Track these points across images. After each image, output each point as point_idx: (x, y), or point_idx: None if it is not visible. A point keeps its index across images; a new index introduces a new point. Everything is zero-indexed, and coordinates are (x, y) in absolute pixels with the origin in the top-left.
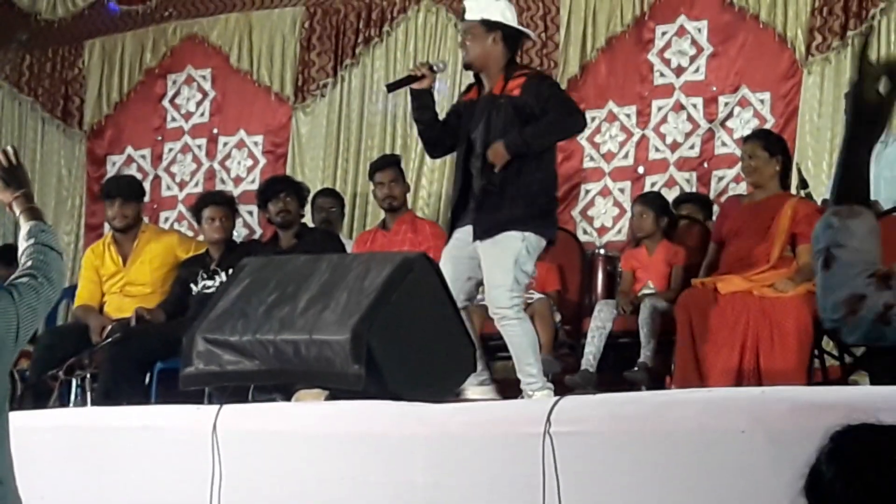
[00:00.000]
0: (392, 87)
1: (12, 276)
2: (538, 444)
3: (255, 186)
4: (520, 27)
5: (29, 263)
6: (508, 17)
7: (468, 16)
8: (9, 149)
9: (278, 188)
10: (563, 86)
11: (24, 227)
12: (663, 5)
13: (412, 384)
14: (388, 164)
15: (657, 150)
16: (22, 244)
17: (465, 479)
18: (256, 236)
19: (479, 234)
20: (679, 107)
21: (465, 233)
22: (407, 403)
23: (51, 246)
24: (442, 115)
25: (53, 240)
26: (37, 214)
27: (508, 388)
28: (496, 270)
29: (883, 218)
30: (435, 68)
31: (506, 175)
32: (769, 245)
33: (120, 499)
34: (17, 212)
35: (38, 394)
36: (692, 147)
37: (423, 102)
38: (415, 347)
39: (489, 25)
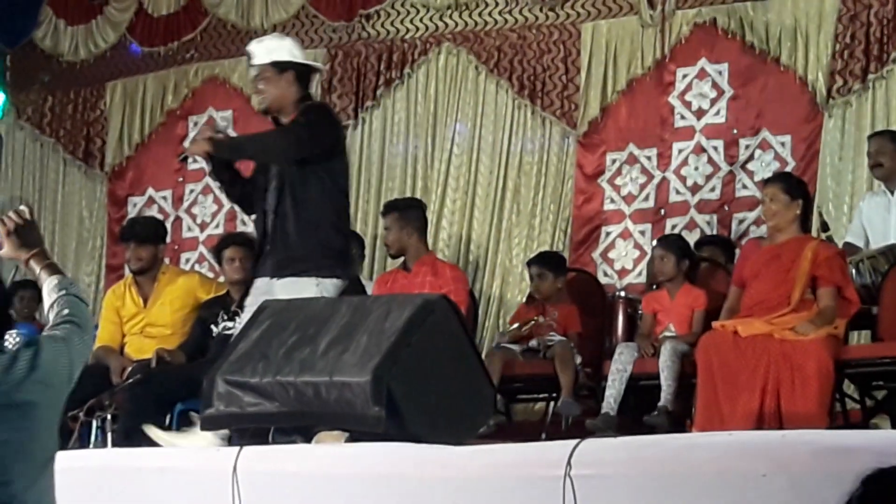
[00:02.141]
0: (184, 157)
1: (51, 325)
2: (558, 487)
3: None
4: (309, 62)
5: (66, 311)
6: (297, 54)
7: (256, 60)
8: (23, 208)
9: None
10: (584, 128)
11: (50, 280)
12: (684, 48)
13: (432, 426)
14: (384, 212)
15: (678, 192)
16: (52, 295)
17: None
18: None
19: (274, 272)
20: (700, 149)
21: (263, 282)
22: (427, 446)
23: (80, 298)
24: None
25: (81, 293)
26: (58, 269)
27: (529, 430)
28: None
29: None
30: (219, 129)
31: (295, 212)
32: (790, 288)
33: None
34: (37, 269)
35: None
36: (713, 189)
37: (217, 163)
38: (435, 389)
39: (281, 66)
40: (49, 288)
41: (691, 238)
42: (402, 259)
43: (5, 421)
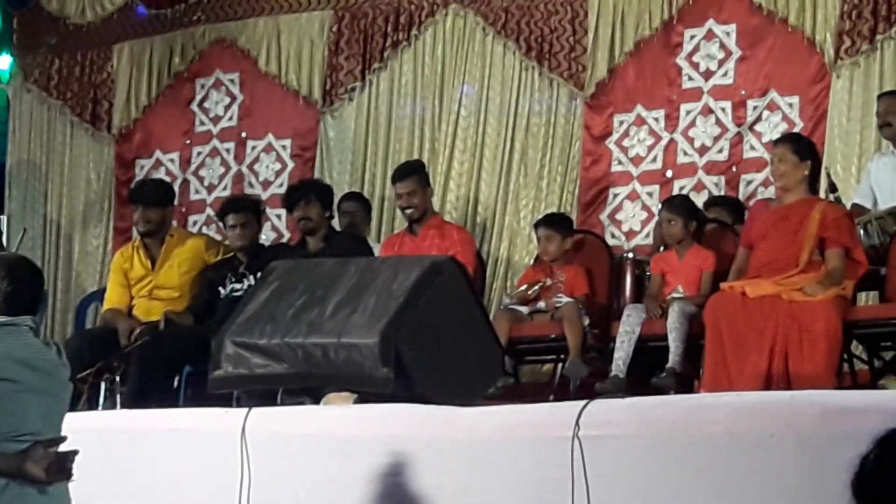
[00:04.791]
0: None
1: None
2: (567, 447)
3: (284, 190)
4: None
5: None
6: None
7: None
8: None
9: (298, 197)
10: (591, 90)
11: None
12: (692, 9)
13: (441, 387)
14: (405, 175)
15: (685, 153)
16: None
17: (493, 482)
18: (285, 239)
19: None
20: (707, 110)
21: None
22: (435, 407)
23: None
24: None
25: None
26: None
27: (536, 391)
28: None
29: None
30: None
31: None
32: (798, 249)
33: (149, 501)
34: None
35: None
36: (721, 151)
37: None
38: (443, 350)
39: None
40: None
41: (699, 200)
42: (408, 222)
43: (64, 391)
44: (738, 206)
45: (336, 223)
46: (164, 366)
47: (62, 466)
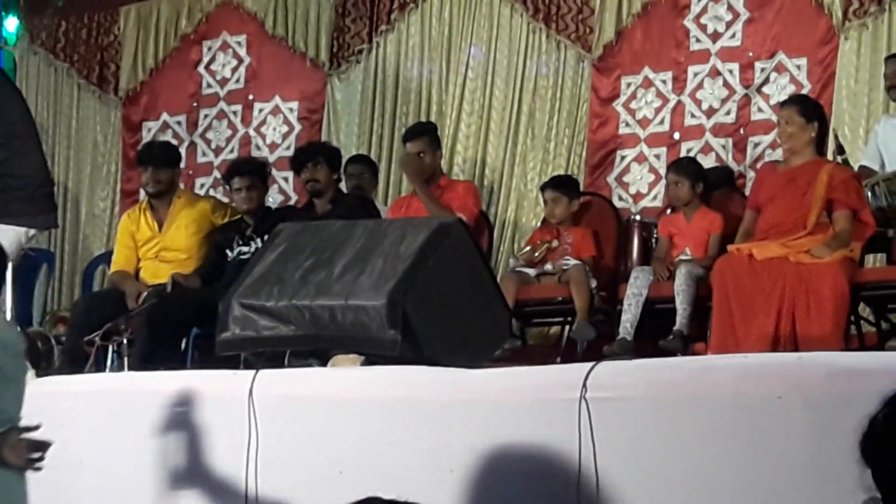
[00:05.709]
0: None
1: None
2: (574, 409)
3: (291, 152)
4: None
5: None
6: None
7: None
8: None
9: (305, 159)
10: (598, 52)
11: None
12: None
13: (448, 349)
14: (415, 135)
15: (693, 116)
16: None
17: (500, 444)
18: (292, 202)
19: None
20: (715, 72)
21: None
22: (443, 369)
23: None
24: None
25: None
26: None
27: (544, 354)
28: None
29: None
30: None
31: None
32: (805, 211)
33: (156, 463)
34: None
35: (74, 359)
36: (728, 113)
37: None
38: (451, 313)
39: None
40: None
41: (706, 162)
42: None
43: (25, 372)
44: (730, 178)
45: (343, 186)
46: (172, 328)
47: (34, 454)
